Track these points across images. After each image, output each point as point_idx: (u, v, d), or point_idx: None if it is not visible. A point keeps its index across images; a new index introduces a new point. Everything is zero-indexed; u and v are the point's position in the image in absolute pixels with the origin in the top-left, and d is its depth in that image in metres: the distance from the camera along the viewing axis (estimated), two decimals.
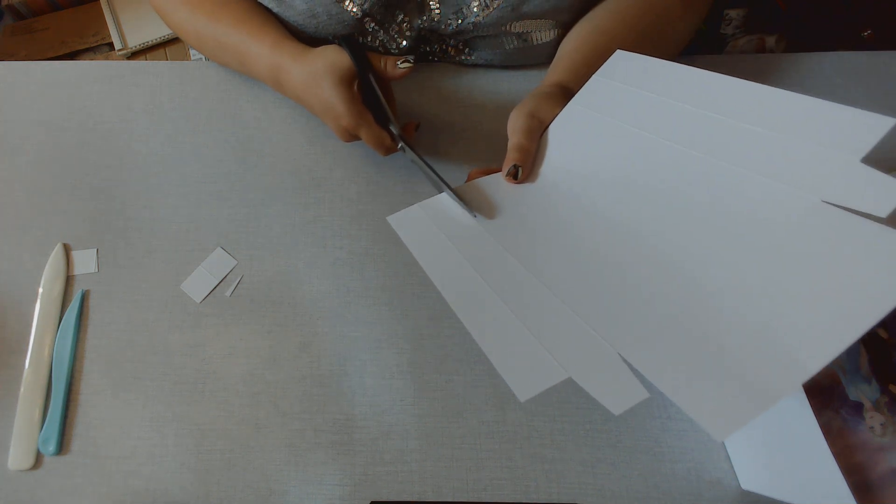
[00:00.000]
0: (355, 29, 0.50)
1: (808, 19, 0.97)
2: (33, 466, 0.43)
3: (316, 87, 0.45)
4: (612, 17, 0.48)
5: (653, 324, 0.29)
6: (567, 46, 0.49)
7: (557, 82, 0.45)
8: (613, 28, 0.47)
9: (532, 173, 0.42)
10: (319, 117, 0.47)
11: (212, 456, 0.43)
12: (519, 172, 0.41)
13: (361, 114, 0.44)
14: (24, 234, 0.50)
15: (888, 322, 0.34)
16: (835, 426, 0.33)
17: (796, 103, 0.30)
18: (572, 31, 0.50)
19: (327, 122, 0.47)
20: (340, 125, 0.45)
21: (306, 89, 0.45)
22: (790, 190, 0.28)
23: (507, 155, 0.42)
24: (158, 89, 0.56)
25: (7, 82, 0.56)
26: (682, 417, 0.43)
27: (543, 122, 0.42)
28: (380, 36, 0.51)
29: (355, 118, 0.44)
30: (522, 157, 0.41)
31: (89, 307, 0.47)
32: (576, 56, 0.46)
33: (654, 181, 0.35)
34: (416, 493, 0.42)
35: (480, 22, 0.49)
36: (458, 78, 0.55)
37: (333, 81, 0.44)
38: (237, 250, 0.49)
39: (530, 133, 0.41)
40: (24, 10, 1.19)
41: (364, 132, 0.45)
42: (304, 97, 0.46)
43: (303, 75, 0.45)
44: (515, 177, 0.41)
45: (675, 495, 0.41)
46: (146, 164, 0.52)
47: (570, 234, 0.36)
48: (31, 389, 0.44)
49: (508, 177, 0.41)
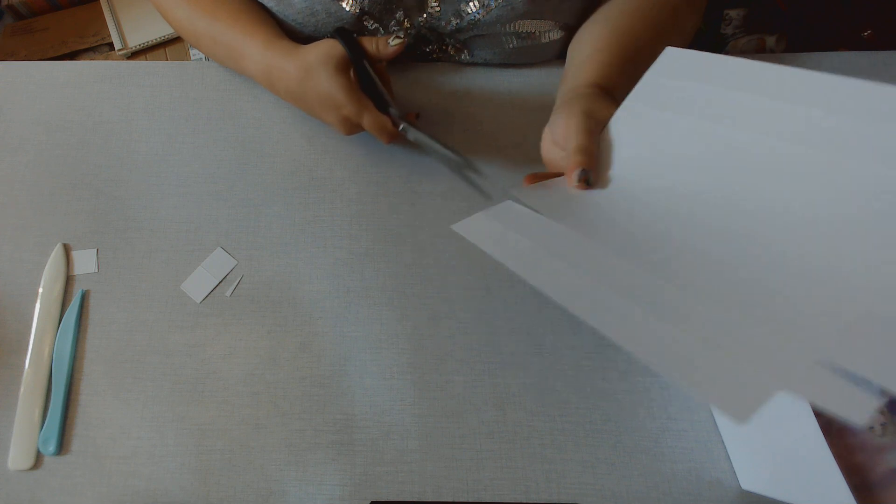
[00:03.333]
0: (354, 27, 0.50)
1: (808, 19, 0.97)
2: (33, 466, 0.43)
3: (311, 80, 0.44)
4: (629, 16, 0.46)
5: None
6: (587, 48, 0.46)
7: (593, 83, 0.42)
8: (632, 26, 0.45)
9: (600, 178, 0.37)
10: (316, 114, 0.47)
11: (212, 456, 0.43)
12: (591, 178, 0.37)
13: (362, 100, 0.44)
14: (24, 234, 0.50)
15: None
16: (835, 426, 0.33)
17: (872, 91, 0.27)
18: (586, 33, 0.48)
19: (326, 116, 0.46)
20: (342, 115, 0.45)
21: (301, 83, 0.45)
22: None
23: (572, 158, 0.37)
24: (158, 89, 0.56)
25: (7, 82, 0.56)
26: (682, 417, 0.43)
27: (601, 122, 0.38)
28: (379, 34, 0.51)
29: (356, 105, 0.44)
30: (590, 160, 0.37)
31: (89, 307, 0.47)
32: (602, 57, 0.44)
33: (747, 179, 0.32)
34: (416, 493, 0.42)
35: (480, 21, 0.48)
36: (458, 77, 0.55)
37: (329, 71, 0.43)
38: (237, 250, 0.49)
39: (591, 134, 0.37)
40: (24, 10, 1.19)
41: (366, 118, 0.45)
42: (300, 93, 0.46)
43: (297, 70, 0.45)
44: (588, 182, 0.37)
45: (675, 495, 0.41)
46: (146, 164, 0.52)
47: (660, 235, 0.32)
48: (31, 389, 0.44)
49: (580, 183, 0.36)
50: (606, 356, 0.45)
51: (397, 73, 0.55)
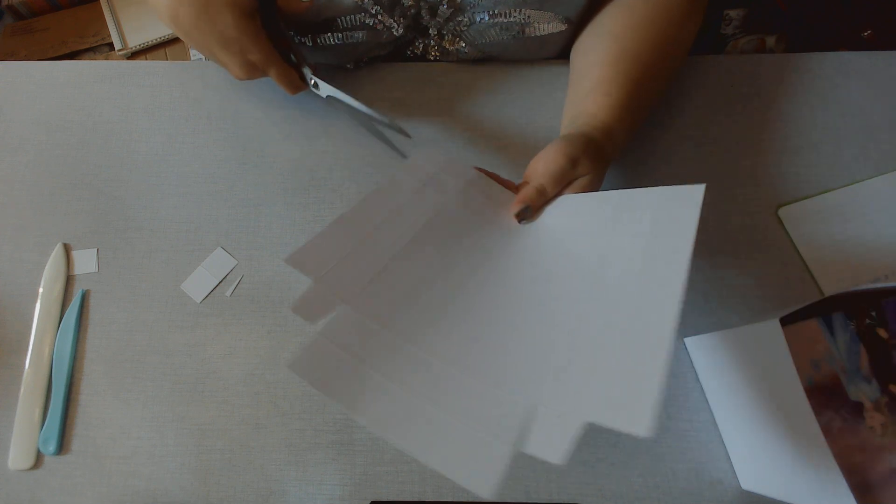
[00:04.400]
0: (352, 7, 0.48)
1: (808, 19, 0.97)
2: (33, 466, 0.43)
3: (213, 18, 0.42)
4: (634, 33, 0.46)
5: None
6: (595, 71, 0.46)
7: (606, 127, 0.43)
8: (642, 50, 0.45)
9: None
10: (211, 52, 0.44)
11: (212, 456, 0.43)
12: (528, 217, 0.39)
13: (270, 50, 0.44)
14: (24, 234, 0.50)
15: (888, 322, 0.34)
16: (835, 426, 0.33)
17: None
18: (591, 51, 0.48)
19: (223, 57, 0.44)
20: (245, 59, 0.44)
21: (200, 17, 0.42)
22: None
23: (525, 191, 0.39)
24: (158, 89, 0.56)
25: (7, 82, 0.56)
26: (682, 417, 0.43)
27: (577, 175, 0.40)
28: (376, 12, 0.49)
29: (265, 53, 0.43)
30: (540, 201, 0.39)
31: (89, 307, 0.47)
32: (607, 88, 0.44)
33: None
34: (416, 493, 0.42)
35: (479, 3, 0.48)
36: (458, 77, 0.55)
37: (236, 14, 0.42)
38: (237, 250, 0.49)
39: (560, 180, 0.39)
40: (24, 10, 1.19)
41: (274, 70, 0.45)
42: (199, 26, 0.42)
43: (196, 4, 0.41)
44: (522, 219, 0.39)
45: (675, 495, 0.41)
46: (146, 164, 0.52)
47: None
48: (31, 389, 0.44)
49: (517, 216, 0.39)
50: None
51: (397, 72, 0.55)
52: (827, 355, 0.34)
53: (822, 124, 0.52)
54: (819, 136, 0.52)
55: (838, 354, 0.34)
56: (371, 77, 0.55)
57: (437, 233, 0.38)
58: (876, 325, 0.34)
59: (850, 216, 0.49)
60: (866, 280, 0.47)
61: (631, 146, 0.51)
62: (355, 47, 0.52)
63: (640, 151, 0.51)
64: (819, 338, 0.35)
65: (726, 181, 0.50)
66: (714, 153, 0.52)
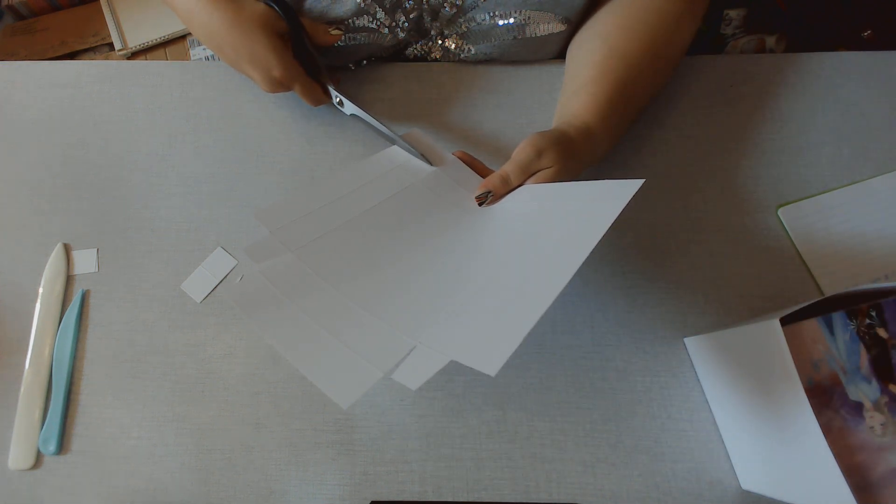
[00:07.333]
0: (354, 10, 0.49)
1: (808, 19, 0.97)
2: (33, 466, 0.43)
3: (244, 34, 0.45)
4: (623, 34, 0.47)
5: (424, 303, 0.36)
6: (585, 72, 0.47)
7: (585, 125, 0.44)
8: (630, 50, 0.46)
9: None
10: (239, 66, 0.48)
11: (212, 456, 0.43)
12: (488, 201, 0.43)
13: (295, 66, 0.46)
14: (24, 234, 0.50)
15: (888, 322, 0.34)
16: (835, 426, 0.33)
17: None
18: (583, 51, 0.49)
19: (250, 72, 0.47)
20: (271, 75, 0.46)
21: (231, 31, 0.45)
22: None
23: (490, 178, 0.43)
24: (158, 89, 0.56)
25: (7, 82, 0.56)
26: (682, 417, 0.43)
27: (541, 167, 0.42)
28: (378, 16, 0.50)
29: (289, 71, 0.46)
30: (502, 188, 0.42)
31: (89, 307, 0.47)
32: (594, 89, 0.46)
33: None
34: (416, 492, 0.42)
35: (480, 5, 0.48)
36: (458, 77, 0.55)
37: (266, 33, 0.45)
38: (237, 250, 0.49)
39: (525, 169, 0.42)
40: (24, 10, 1.19)
41: (297, 86, 0.48)
42: (231, 43, 0.46)
43: (227, 20, 0.45)
44: (481, 202, 0.43)
45: (675, 495, 0.41)
46: (146, 164, 0.52)
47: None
48: (31, 389, 0.44)
49: (478, 198, 0.43)
50: (606, 356, 0.45)
51: (397, 72, 0.55)
52: (827, 355, 0.34)
53: (822, 124, 0.52)
54: (819, 136, 0.52)
55: (838, 354, 0.34)
56: (371, 77, 0.55)
57: (396, 208, 0.42)
58: (876, 325, 0.34)
59: (850, 216, 0.49)
60: (866, 280, 0.47)
61: (631, 145, 0.51)
62: (357, 49, 0.52)
63: (640, 151, 0.52)
64: (819, 338, 0.35)
65: (726, 181, 0.50)
66: (714, 153, 0.52)
